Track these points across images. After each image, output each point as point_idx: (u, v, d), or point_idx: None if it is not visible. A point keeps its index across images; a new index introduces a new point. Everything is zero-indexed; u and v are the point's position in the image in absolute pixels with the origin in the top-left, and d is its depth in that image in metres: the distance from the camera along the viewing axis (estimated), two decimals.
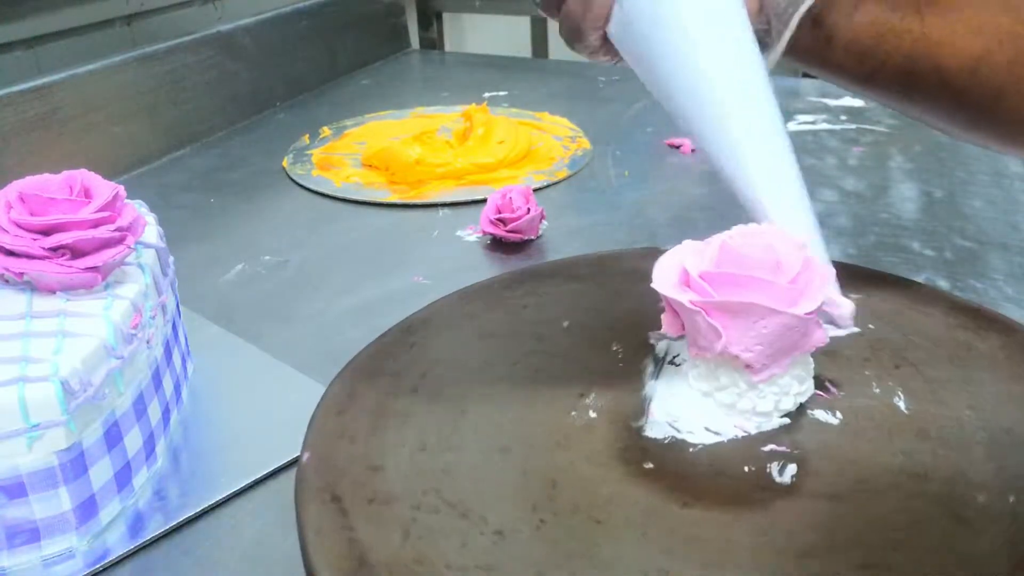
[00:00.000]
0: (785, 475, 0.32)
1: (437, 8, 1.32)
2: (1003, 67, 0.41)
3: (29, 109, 0.71)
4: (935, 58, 0.41)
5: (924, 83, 0.42)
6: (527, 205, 0.62)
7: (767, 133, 0.38)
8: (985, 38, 0.41)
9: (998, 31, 0.41)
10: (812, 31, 0.42)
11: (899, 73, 0.42)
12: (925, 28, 0.41)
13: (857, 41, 0.42)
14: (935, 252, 0.59)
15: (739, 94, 0.37)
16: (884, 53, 0.42)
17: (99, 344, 0.35)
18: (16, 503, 0.34)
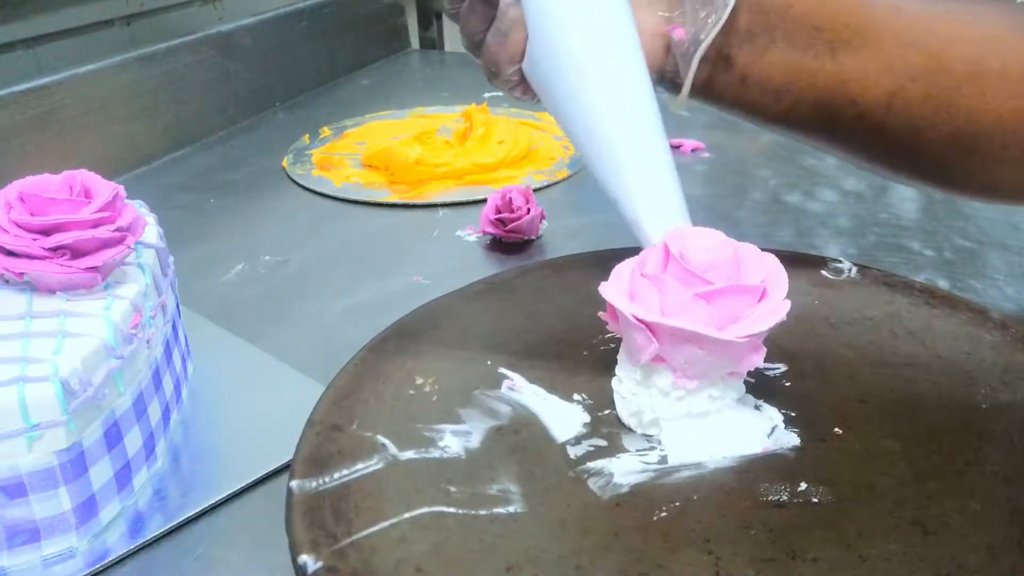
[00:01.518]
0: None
1: (437, 8, 1.32)
2: (918, 101, 0.41)
3: (29, 109, 0.71)
4: (850, 94, 0.41)
5: (842, 119, 0.42)
6: (527, 205, 0.62)
7: (647, 154, 0.38)
8: (898, 74, 0.41)
9: (910, 67, 0.41)
10: (726, 72, 0.42)
11: (816, 109, 0.42)
12: (838, 66, 0.41)
13: (771, 79, 0.42)
14: (935, 252, 0.59)
15: (625, 130, 0.38)
16: (799, 90, 0.42)
17: (99, 344, 0.35)
18: (16, 503, 0.34)
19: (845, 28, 0.41)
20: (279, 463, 0.41)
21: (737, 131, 0.83)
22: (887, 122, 0.42)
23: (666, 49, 0.41)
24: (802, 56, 0.41)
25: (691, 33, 0.40)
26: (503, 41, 0.40)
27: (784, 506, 0.31)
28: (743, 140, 0.82)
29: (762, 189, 0.71)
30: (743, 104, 0.43)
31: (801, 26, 0.41)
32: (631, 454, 0.35)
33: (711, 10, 0.40)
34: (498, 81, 0.42)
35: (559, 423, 0.36)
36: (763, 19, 0.41)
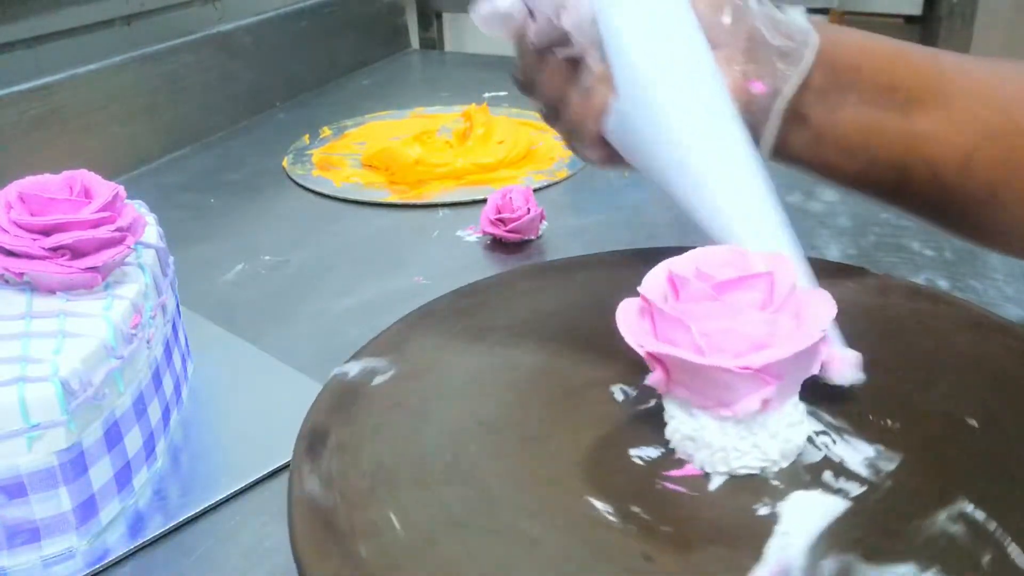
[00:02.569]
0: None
1: (437, 8, 1.32)
2: (994, 163, 0.40)
3: (29, 109, 0.71)
4: (925, 153, 0.41)
5: (916, 179, 0.42)
6: (527, 205, 0.62)
7: (752, 213, 0.37)
8: (973, 135, 0.40)
9: (984, 126, 0.40)
10: (800, 130, 0.41)
11: (891, 168, 0.42)
12: (911, 124, 0.41)
13: (846, 138, 0.41)
14: (935, 252, 0.59)
15: (731, 189, 0.37)
16: (874, 149, 0.41)
17: (99, 344, 0.35)
18: (16, 503, 0.34)
19: (917, 87, 0.41)
20: (279, 463, 0.41)
21: None
22: (962, 182, 0.41)
23: (745, 106, 0.40)
24: (875, 114, 0.41)
25: (770, 86, 0.40)
26: (588, 98, 0.39)
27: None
28: None
29: None
30: (818, 163, 0.43)
31: (873, 85, 0.41)
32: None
33: (788, 63, 0.39)
34: (579, 142, 0.41)
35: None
36: (835, 77, 0.41)
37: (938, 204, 0.43)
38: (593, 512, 0.30)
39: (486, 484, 0.32)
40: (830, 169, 0.43)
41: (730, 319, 0.30)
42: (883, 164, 0.42)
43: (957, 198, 0.42)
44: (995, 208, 0.42)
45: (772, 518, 0.30)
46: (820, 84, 0.40)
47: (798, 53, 0.39)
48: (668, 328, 0.32)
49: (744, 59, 0.40)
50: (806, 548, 0.28)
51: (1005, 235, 0.44)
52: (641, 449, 0.33)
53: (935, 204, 0.43)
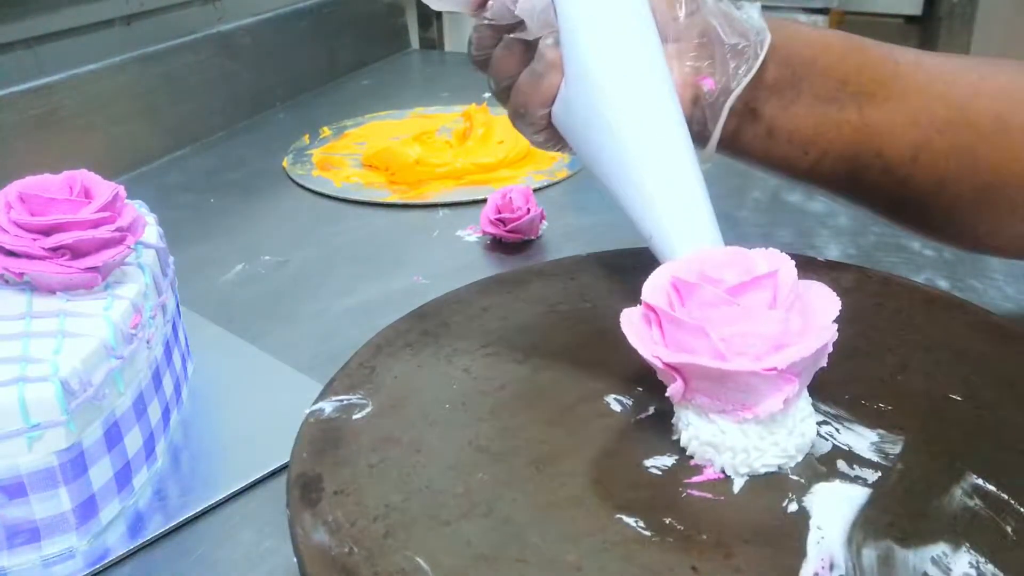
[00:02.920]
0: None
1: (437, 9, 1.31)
2: (943, 154, 0.41)
3: (29, 109, 0.72)
4: (876, 147, 0.41)
5: (868, 171, 0.42)
6: (527, 205, 0.62)
7: (686, 212, 0.37)
8: (923, 127, 0.41)
9: (935, 120, 0.41)
10: (752, 125, 0.42)
11: (842, 161, 0.42)
12: (863, 118, 0.41)
13: (797, 132, 0.42)
14: (935, 252, 0.59)
15: (663, 186, 0.37)
16: (826, 143, 0.42)
17: (99, 344, 0.35)
18: (16, 503, 0.34)
19: (870, 81, 0.41)
20: (279, 463, 0.41)
21: None
22: (913, 175, 0.42)
23: (694, 101, 0.40)
24: (828, 109, 0.41)
25: (721, 83, 0.40)
26: (538, 82, 0.40)
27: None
28: None
29: (762, 189, 0.71)
30: (770, 158, 0.43)
31: (826, 79, 0.41)
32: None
33: (741, 60, 0.40)
34: (524, 123, 0.41)
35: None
36: (789, 72, 0.41)
37: (890, 197, 0.44)
38: (626, 529, 0.30)
39: (506, 513, 0.31)
40: (782, 163, 0.43)
41: (747, 322, 0.31)
42: (835, 157, 0.42)
43: (907, 191, 0.42)
44: (944, 201, 0.42)
45: (803, 513, 0.30)
46: (774, 79, 0.41)
47: (751, 51, 0.40)
48: (681, 336, 0.31)
49: (697, 55, 0.40)
50: (843, 540, 0.29)
51: (954, 228, 0.44)
52: (654, 459, 0.33)
53: (887, 197, 0.44)
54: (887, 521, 0.29)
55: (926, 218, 0.44)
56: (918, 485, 0.31)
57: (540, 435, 0.34)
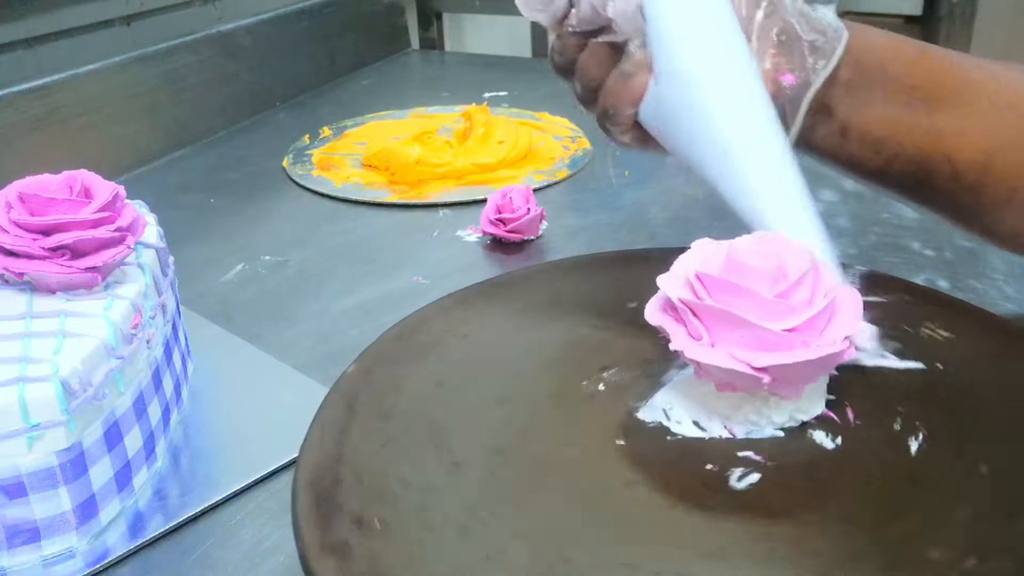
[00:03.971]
0: (743, 482, 0.32)
1: (437, 8, 1.32)
2: (1015, 165, 0.41)
3: (29, 109, 0.71)
4: (947, 151, 0.42)
5: (938, 176, 0.43)
6: (527, 205, 0.62)
7: (787, 198, 0.39)
8: (995, 136, 0.41)
9: (1007, 128, 0.41)
10: (826, 123, 0.43)
11: (913, 164, 0.43)
12: (934, 123, 0.42)
13: (870, 132, 0.42)
14: (935, 252, 0.59)
15: (765, 173, 0.39)
16: (897, 144, 0.42)
17: (99, 344, 0.35)
18: (16, 503, 0.34)
19: (939, 87, 0.42)
20: (279, 463, 0.41)
21: None
22: (983, 182, 0.42)
23: (774, 96, 0.41)
24: (899, 112, 0.42)
25: (800, 79, 0.41)
26: (627, 82, 0.40)
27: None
28: None
29: None
30: (842, 156, 0.44)
31: (897, 84, 0.42)
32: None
33: (819, 56, 0.41)
34: (612, 123, 0.42)
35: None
36: (861, 73, 0.42)
37: (958, 203, 0.44)
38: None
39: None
40: (853, 162, 0.44)
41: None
42: (905, 160, 0.43)
43: (977, 197, 0.43)
44: (1013, 210, 0.43)
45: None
46: (847, 79, 0.42)
47: (829, 48, 0.41)
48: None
49: (776, 52, 0.41)
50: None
51: (1022, 237, 0.44)
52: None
53: (955, 202, 0.44)
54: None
55: (996, 224, 0.44)
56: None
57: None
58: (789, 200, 0.38)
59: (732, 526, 0.30)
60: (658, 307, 0.35)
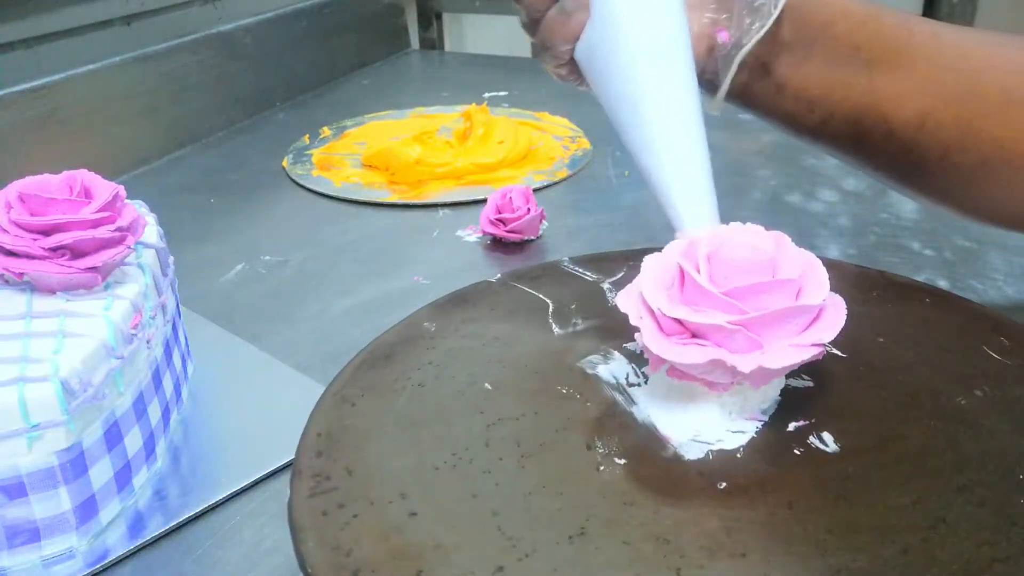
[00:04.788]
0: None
1: (437, 8, 1.32)
2: (949, 123, 0.42)
3: (29, 109, 0.71)
4: (882, 111, 0.42)
5: (873, 135, 0.43)
6: (527, 205, 0.62)
7: (686, 159, 0.40)
8: (930, 96, 0.42)
9: (943, 90, 0.42)
10: (763, 79, 0.43)
11: (848, 123, 0.43)
12: (872, 83, 0.42)
13: (806, 90, 0.43)
14: (935, 252, 0.59)
15: (668, 124, 0.39)
16: (833, 103, 0.43)
17: (99, 344, 0.35)
18: (16, 503, 0.34)
19: (882, 49, 0.42)
20: (279, 463, 0.41)
21: (737, 131, 0.83)
22: (917, 142, 0.43)
23: (708, 51, 0.42)
24: (838, 71, 0.42)
25: (735, 37, 0.42)
26: (566, 20, 0.42)
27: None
28: (743, 140, 0.82)
29: (762, 189, 0.71)
30: (777, 112, 0.45)
31: (840, 43, 0.42)
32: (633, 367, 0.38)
33: (756, 17, 0.41)
34: (548, 56, 0.44)
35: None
36: (804, 33, 0.42)
37: (893, 161, 0.44)
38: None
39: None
40: (789, 118, 0.45)
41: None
42: (840, 119, 0.43)
43: (912, 157, 0.43)
44: (946, 169, 0.43)
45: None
46: (788, 38, 0.42)
47: (766, 9, 0.41)
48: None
49: (716, 7, 0.42)
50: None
51: (955, 196, 0.45)
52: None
53: (891, 162, 0.45)
54: None
55: (928, 184, 0.45)
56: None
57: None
58: (687, 161, 0.39)
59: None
60: (630, 296, 0.36)
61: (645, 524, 0.30)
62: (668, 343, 0.33)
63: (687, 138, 0.39)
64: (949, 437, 0.34)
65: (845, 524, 0.30)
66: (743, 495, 0.31)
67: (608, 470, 0.33)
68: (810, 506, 0.31)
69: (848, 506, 0.31)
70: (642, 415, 0.36)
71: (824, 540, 0.29)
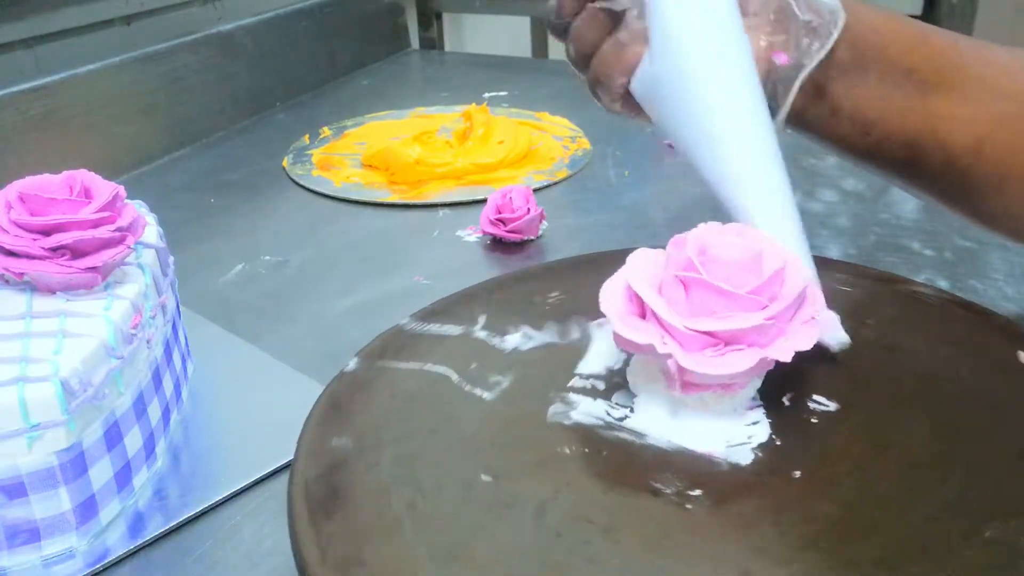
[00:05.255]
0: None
1: (437, 8, 1.32)
2: (1006, 150, 0.41)
3: (29, 109, 0.71)
4: (939, 135, 0.42)
5: (929, 159, 0.43)
6: (527, 205, 0.62)
7: (767, 189, 0.40)
8: (987, 121, 0.42)
9: (999, 114, 0.41)
10: (818, 103, 0.43)
11: (904, 146, 0.43)
12: (928, 107, 0.42)
13: (861, 113, 0.42)
14: (935, 252, 0.59)
15: (747, 159, 0.39)
16: (888, 126, 0.42)
17: (99, 344, 0.35)
18: (16, 503, 0.34)
19: (936, 72, 0.42)
20: (279, 463, 0.41)
21: None
22: (974, 167, 0.42)
23: (766, 74, 0.41)
24: (893, 94, 0.42)
25: (794, 59, 0.41)
26: (622, 52, 0.41)
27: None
28: None
29: None
30: (833, 135, 0.44)
31: (895, 65, 0.42)
32: (603, 402, 0.36)
33: (814, 38, 0.41)
34: (603, 90, 0.43)
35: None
36: (857, 55, 0.42)
37: (949, 186, 0.44)
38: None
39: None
40: (844, 141, 0.44)
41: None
42: (896, 142, 0.43)
43: (968, 181, 0.43)
44: (1004, 194, 0.43)
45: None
46: (842, 60, 0.42)
47: (824, 30, 0.41)
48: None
49: (772, 30, 0.41)
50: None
51: (1013, 221, 0.45)
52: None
53: (946, 185, 0.44)
54: None
55: (985, 210, 0.45)
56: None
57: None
58: (769, 190, 0.39)
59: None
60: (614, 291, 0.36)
61: (824, 534, 0.30)
62: (704, 358, 0.33)
63: (767, 170, 0.39)
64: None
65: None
66: (831, 470, 0.32)
67: (698, 506, 0.31)
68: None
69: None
70: (664, 442, 0.34)
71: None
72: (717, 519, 0.30)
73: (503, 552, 0.29)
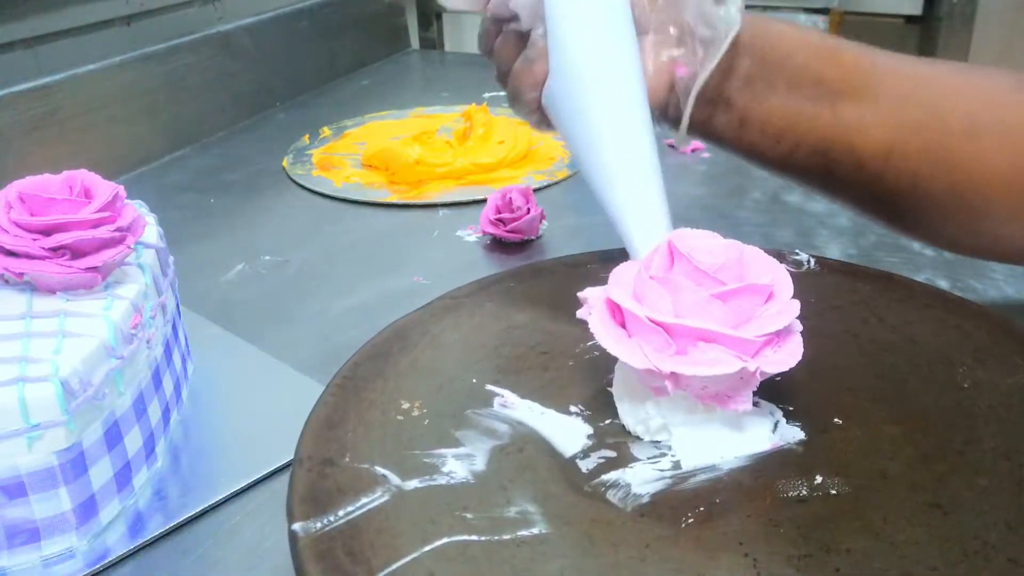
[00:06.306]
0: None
1: (437, 8, 1.32)
2: (916, 153, 0.42)
3: (29, 109, 0.71)
4: (849, 142, 0.43)
5: (841, 166, 0.44)
6: (527, 205, 0.62)
7: (645, 205, 0.41)
8: (897, 126, 0.42)
9: (909, 120, 0.42)
10: (726, 113, 0.44)
11: (815, 154, 0.44)
12: (837, 115, 0.43)
13: (770, 123, 0.44)
14: (935, 252, 0.59)
15: (627, 172, 0.41)
16: (798, 135, 0.44)
17: (99, 344, 0.35)
18: (16, 503, 0.34)
19: (844, 81, 0.43)
20: (279, 463, 0.41)
21: None
22: (885, 172, 0.43)
23: (670, 88, 0.43)
24: (802, 104, 0.43)
25: (692, 70, 0.43)
26: (529, 68, 0.43)
27: (806, 501, 0.31)
28: None
29: (762, 189, 0.71)
30: (742, 145, 0.45)
31: (802, 75, 0.43)
32: (644, 463, 0.34)
33: (708, 50, 0.43)
34: (519, 105, 0.45)
35: (562, 437, 0.35)
36: (764, 66, 0.43)
37: (863, 192, 0.45)
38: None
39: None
40: (754, 151, 0.45)
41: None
42: (807, 151, 0.44)
43: (880, 187, 0.44)
44: (917, 198, 0.43)
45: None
46: (748, 72, 0.43)
47: (718, 43, 0.42)
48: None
49: (673, 45, 0.43)
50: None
51: (928, 228, 0.45)
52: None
53: (860, 192, 0.45)
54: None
55: (900, 216, 0.45)
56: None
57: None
58: (646, 206, 0.40)
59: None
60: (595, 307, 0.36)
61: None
62: (703, 357, 0.33)
63: (640, 172, 0.40)
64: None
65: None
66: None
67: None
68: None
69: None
70: (728, 463, 0.34)
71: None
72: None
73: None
